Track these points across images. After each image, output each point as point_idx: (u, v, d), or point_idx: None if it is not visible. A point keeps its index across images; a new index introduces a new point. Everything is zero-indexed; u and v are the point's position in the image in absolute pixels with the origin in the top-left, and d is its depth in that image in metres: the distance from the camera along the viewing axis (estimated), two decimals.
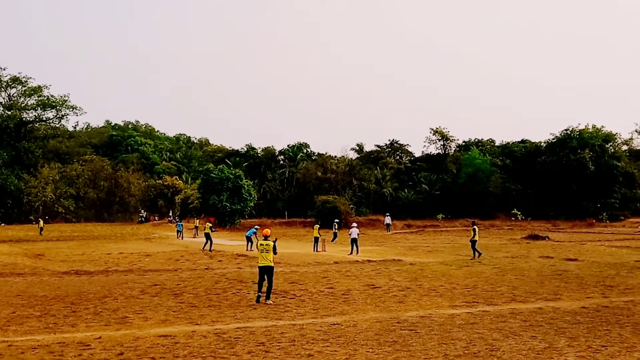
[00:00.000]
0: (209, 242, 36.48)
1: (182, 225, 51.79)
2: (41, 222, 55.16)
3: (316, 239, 37.09)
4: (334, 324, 13.86)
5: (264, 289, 17.18)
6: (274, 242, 17.84)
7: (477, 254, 30.28)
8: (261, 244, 17.55)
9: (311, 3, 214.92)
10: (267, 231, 18.51)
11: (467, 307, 16.15)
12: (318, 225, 39.21)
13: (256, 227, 38.91)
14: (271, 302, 16.92)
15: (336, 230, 46.89)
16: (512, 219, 74.42)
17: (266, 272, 17.20)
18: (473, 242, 30.66)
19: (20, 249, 37.54)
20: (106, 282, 21.44)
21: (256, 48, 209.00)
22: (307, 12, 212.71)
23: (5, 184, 76.10)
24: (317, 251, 36.08)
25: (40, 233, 51.70)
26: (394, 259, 30.16)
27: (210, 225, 38.20)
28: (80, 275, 23.82)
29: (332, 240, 43.19)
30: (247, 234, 37.49)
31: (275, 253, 17.54)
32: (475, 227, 31.37)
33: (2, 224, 69.43)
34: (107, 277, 23.14)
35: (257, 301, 16.98)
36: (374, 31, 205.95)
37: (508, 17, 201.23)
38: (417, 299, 17.52)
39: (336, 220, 50.01)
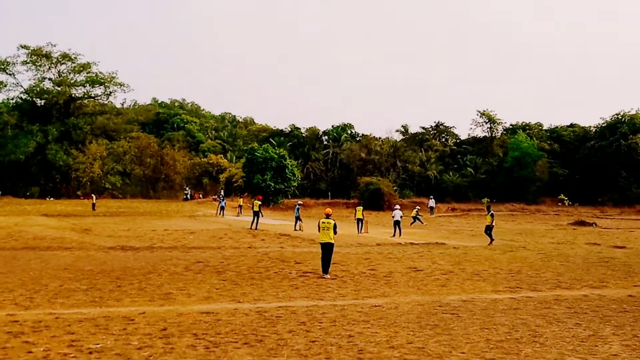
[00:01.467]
0: (256, 219, 36.53)
1: (225, 201, 52.38)
2: (94, 197, 56.22)
3: (359, 221, 36.95)
4: (375, 306, 13.83)
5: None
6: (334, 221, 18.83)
7: (491, 240, 29.48)
8: (322, 222, 18.73)
9: None
10: (329, 210, 19.85)
11: (511, 293, 15.96)
12: (361, 207, 38.98)
13: (299, 203, 38.93)
14: (328, 277, 17.87)
15: (417, 215, 46.00)
16: (559, 204, 73.31)
17: (326, 248, 18.38)
18: (489, 227, 29.73)
19: (68, 224, 38.28)
20: (151, 258, 21.75)
21: (298, 26, 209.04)
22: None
23: (54, 159, 77.53)
24: (360, 233, 36.00)
25: (94, 208, 52.69)
26: (437, 242, 30.00)
27: (260, 203, 38.17)
28: (126, 251, 24.20)
29: (411, 224, 43.17)
30: (295, 213, 37.50)
31: (335, 232, 18.46)
32: (492, 212, 30.58)
33: (51, 199, 70.91)
34: (152, 254, 23.47)
35: (324, 273, 18.22)
36: (419, 13, 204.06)
37: None
38: (460, 283, 17.38)
39: (417, 207, 49.36)
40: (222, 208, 50.54)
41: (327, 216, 18.94)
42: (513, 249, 27.09)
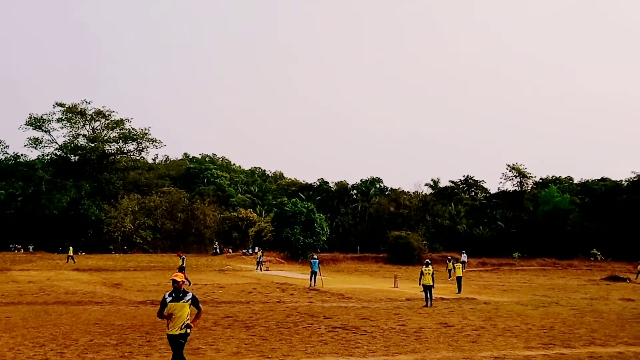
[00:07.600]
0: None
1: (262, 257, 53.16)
2: (70, 250, 56.57)
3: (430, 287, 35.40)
4: None
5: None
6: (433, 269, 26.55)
7: (429, 301, 25.79)
8: (427, 269, 26.10)
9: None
10: (428, 261, 27.52)
11: (543, 349, 15.68)
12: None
13: (315, 257, 38.29)
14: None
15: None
16: (591, 259, 72.09)
17: (428, 288, 25.60)
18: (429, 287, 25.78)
19: (99, 278, 38.54)
20: None
21: (329, 83, 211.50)
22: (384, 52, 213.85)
23: (87, 213, 78.52)
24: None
25: (71, 261, 52.94)
26: (467, 298, 29.66)
27: (184, 257, 38.82)
28: (156, 305, 24.20)
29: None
30: (313, 268, 36.02)
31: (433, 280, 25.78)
32: (430, 266, 26.65)
33: (83, 253, 71.44)
34: None
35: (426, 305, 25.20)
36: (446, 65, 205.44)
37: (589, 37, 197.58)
38: (491, 339, 17.13)
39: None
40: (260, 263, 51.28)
41: (427, 265, 26.67)
42: (545, 305, 26.69)
